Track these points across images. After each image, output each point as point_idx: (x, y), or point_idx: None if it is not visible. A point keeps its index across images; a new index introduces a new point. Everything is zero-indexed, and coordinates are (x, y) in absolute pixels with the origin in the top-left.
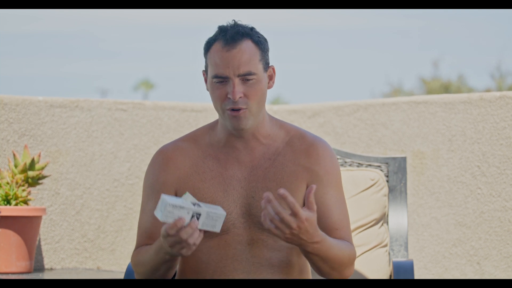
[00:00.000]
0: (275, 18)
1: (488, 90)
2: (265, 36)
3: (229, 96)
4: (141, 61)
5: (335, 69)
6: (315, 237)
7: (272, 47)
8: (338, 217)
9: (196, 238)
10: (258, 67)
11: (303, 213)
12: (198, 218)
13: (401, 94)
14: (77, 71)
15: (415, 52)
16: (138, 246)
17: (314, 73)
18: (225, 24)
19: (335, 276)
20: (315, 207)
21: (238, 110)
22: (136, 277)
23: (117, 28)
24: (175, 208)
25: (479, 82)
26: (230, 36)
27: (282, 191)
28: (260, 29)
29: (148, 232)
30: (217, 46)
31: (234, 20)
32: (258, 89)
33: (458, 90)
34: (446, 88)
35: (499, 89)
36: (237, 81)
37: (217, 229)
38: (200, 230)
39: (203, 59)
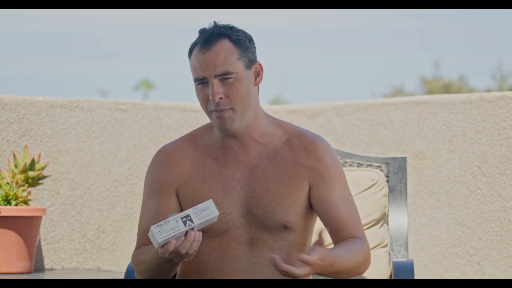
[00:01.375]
0: (275, 18)
1: (488, 91)
2: (265, 36)
3: (209, 97)
4: (141, 61)
5: (335, 69)
6: (331, 265)
7: (273, 47)
8: (345, 212)
9: (196, 246)
10: (237, 66)
11: (313, 258)
12: (190, 220)
13: (402, 95)
14: (77, 71)
15: (415, 52)
16: (139, 246)
17: (314, 73)
18: (205, 26)
19: (353, 276)
20: (322, 246)
21: (222, 110)
22: (137, 276)
23: (117, 28)
24: (161, 226)
25: (480, 83)
26: (204, 38)
27: (273, 258)
28: (260, 29)
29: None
30: (195, 51)
31: (214, 22)
32: (240, 88)
33: (459, 91)
34: (447, 88)
35: (500, 89)
36: (215, 82)
37: (215, 214)
38: (198, 230)
39: None
